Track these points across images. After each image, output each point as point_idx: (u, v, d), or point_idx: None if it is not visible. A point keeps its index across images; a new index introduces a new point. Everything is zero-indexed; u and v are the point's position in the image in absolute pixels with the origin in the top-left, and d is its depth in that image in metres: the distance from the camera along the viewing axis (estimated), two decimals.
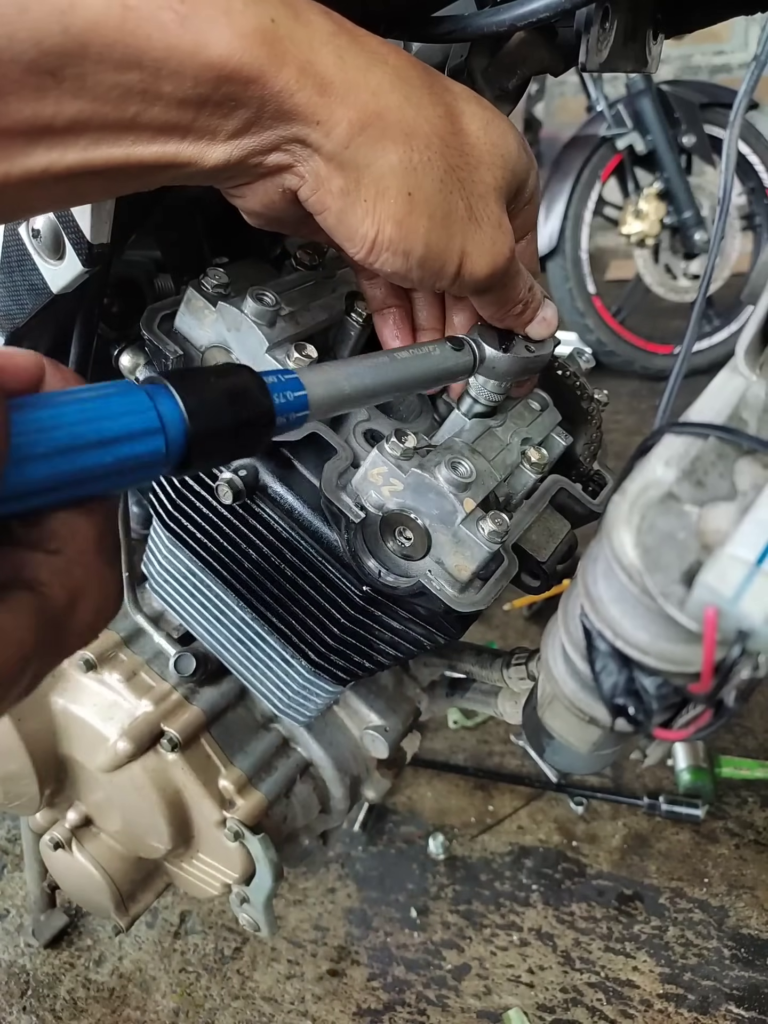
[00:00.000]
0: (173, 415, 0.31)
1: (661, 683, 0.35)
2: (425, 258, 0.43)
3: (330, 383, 0.40)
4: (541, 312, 0.54)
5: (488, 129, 0.44)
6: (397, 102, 0.40)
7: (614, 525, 0.32)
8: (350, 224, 0.42)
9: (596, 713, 0.41)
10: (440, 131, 0.42)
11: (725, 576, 0.29)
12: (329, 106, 0.38)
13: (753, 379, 0.37)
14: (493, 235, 0.45)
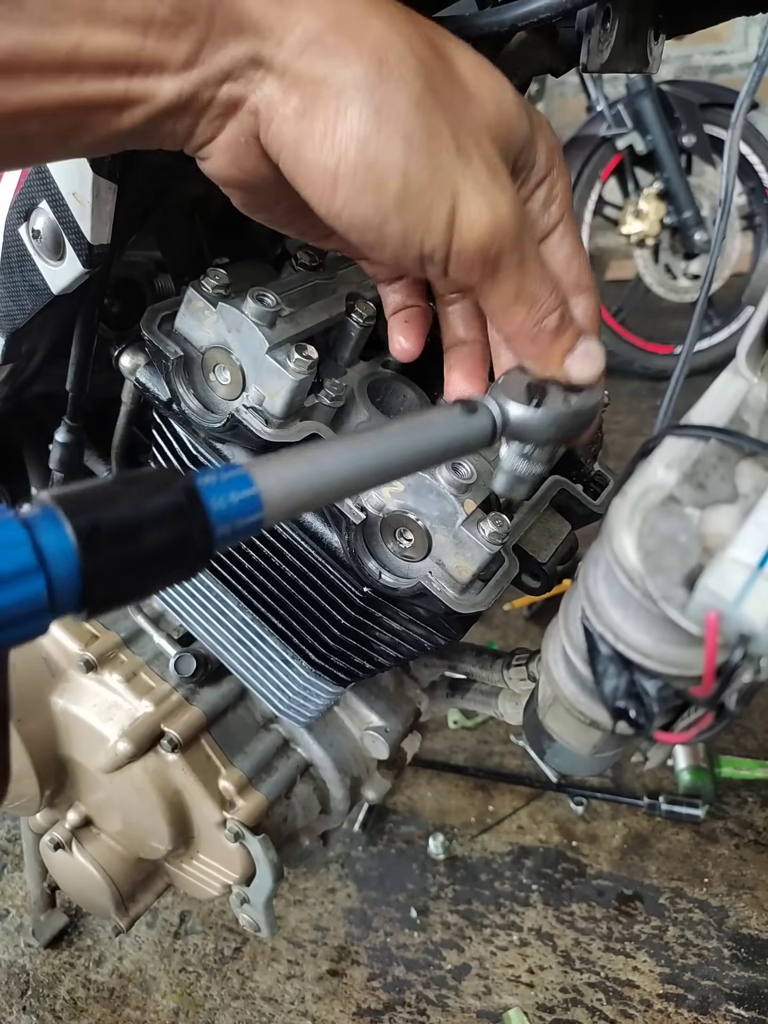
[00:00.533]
0: (58, 546, 0.24)
1: (662, 686, 0.35)
2: (404, 192, 0.35)
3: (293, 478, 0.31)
4: (583, 344, 0.41)
5: (480, 72, 0.38)
6: (364, 12, 0.35)
7: (615, 528, 0.32)
8: (308, 157, 0.35)
9: (597, 716, 0.41)
10: (418, 51, 0.36)
11: (727, 580, 0.29)
12: (282, 11, 0.34)
13: (754, 381, 0.37)
14: (491, 175, 0.36)
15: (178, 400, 0.60)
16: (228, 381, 0.58)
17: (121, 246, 0.61)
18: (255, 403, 0.57)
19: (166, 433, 0.66)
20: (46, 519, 0.25)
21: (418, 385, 0.67)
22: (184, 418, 0.61)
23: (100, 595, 0.26)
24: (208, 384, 0.60)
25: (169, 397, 0.61)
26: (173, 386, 0.59)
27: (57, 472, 0.74)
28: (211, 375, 0.59)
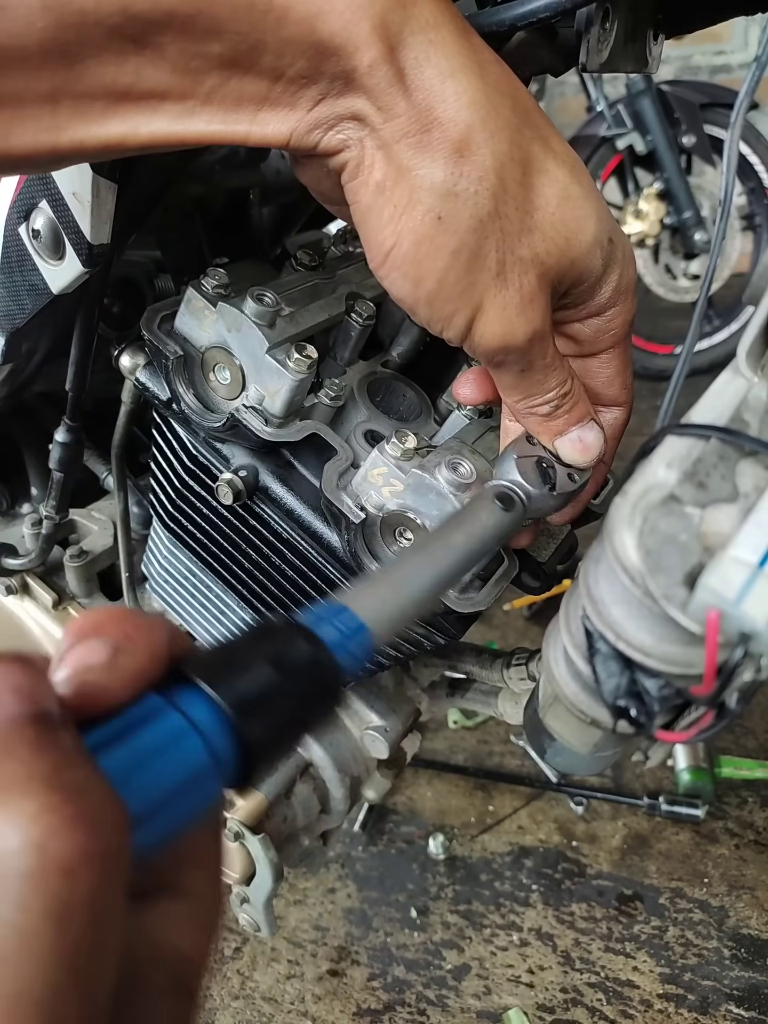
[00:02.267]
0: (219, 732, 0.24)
1: (663, 685, 0.35)
2: (434, 296, 0.39)
3: (392, 609, 0.33)
4: (578, 430, 0.46)
5: (566, 203, 0.40)
6: (467, 120, 0.36)
7: (616, 527, 0.32)
8: (372, 226, 0.39)
9: (598, 715, 0.41)
10: (503, 172, 0.38)
11: (727, 578, 0.29)
12: (396, 95, 0.36)
13: (755, 380, 0.36)
14: (519, 305, 0.39)
15: (178, 400, 0.60)
16: (228, 381, 0.58)
17: (121, 246, 0.61)
18: (255, 403, 0.57)
19: (166, 433, 0.66)
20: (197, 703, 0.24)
21: (418, 384, 0.67)
22: (184, 418, 0.61)
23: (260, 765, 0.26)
24: (208, 384, 0.60)
25: (169, 397, 0.61)
26: (173, 386, 0.59)
27: (57, 472, 0.75)
28: (211, 375, 0.59)
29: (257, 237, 0.77)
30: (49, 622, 0.82)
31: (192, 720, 0.24)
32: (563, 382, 0.44)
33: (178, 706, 0.24)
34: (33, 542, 0.83)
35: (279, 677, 0.26)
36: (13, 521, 0.94)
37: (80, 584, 0.84)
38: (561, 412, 0.45)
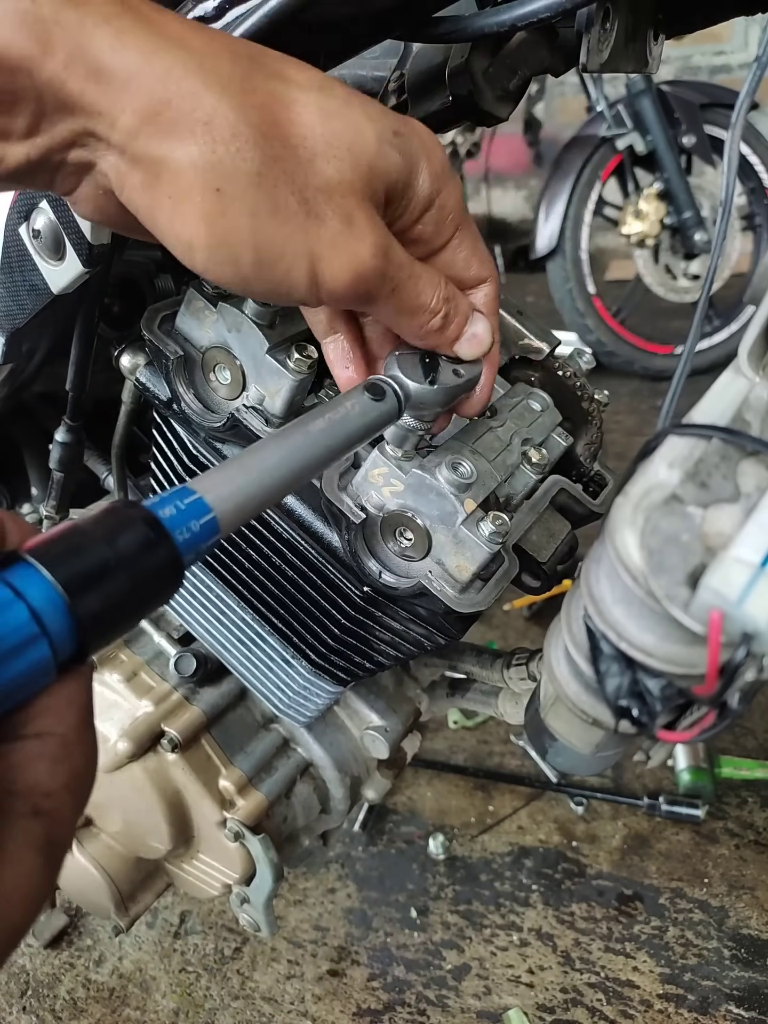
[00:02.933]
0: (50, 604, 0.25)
1: (665, 685, 0.35)
2: (259, 265, 0.37)
3: (241, 492, 0.33)
4: (470, 327, 0.47)
5: (330, 119, 0.38)
6: (192, 88, 0.35)
7: (618, 527, 0.32)
8: (163, 226, 0.37)
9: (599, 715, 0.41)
10: (253, 120, 0.36)
11: (729, 579, 0.29)
12: (107, 93, 0.34)
13: (756, 380, 0.37)
14: (346, 231, 0.38)
15: (178, 400, 0.60)
16: (228, 381, 0.58)
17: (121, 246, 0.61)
18: (255, 403, 0.57)
19: (166, 433, 0.66)
20: (30, 578, 0.25)
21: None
22: (184, 418, 0.61)
23: (94, 640, 0.27)
24: (208, 384, 0.60)
25: (169, 397, 0.61)
26: (173, 386, 0.59)
27: (57, 472, 0.75)
28: (211, 375, 0.59)
29: None
30: None
31: (16, 589, 0.25)
32: (437, 285, 0.44)
33: (5, 580, 0.25)
34: None
35: (112, 554, 0.27)
36: None
37: None
38: (451, 318, 0.45)
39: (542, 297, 3.11)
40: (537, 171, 4.00)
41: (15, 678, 0.25)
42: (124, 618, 0.29)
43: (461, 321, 0.46)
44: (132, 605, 0.28)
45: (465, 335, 0.47)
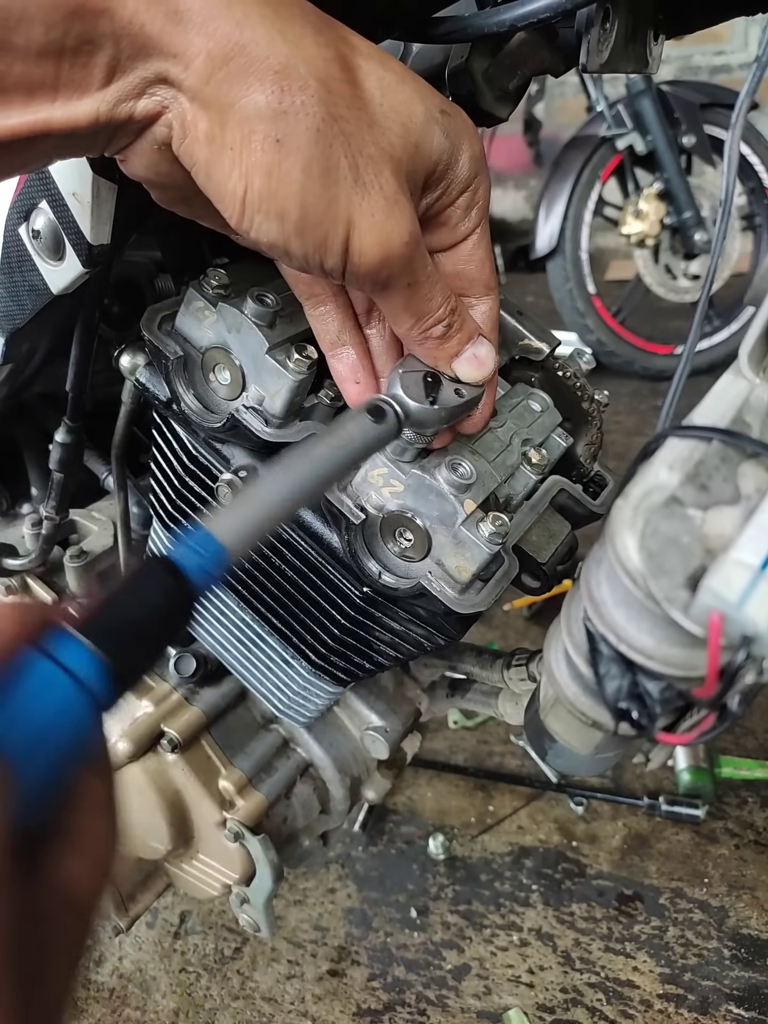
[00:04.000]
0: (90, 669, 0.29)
1: (665, 687, 0.35)
2: (303, 222, 0.37)
3: (245, 523, 0.36)
4: (472, 348, 0.46)
5: (388, 91, 0.39)
6: (267, 36, 0.35)
7: (618, 529, 0.32)
8: (218, 179, 0.37)
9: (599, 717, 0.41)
10: (322, 74, 0.36)
11: (729, 581, 0.29)
12: (184, 35, 0.35)
13: (756, 382, 0.36)
14: (386, 208, 0.38)
15: (178, 400, 0.59)
16: (228, 381, 0.58)
17: (121, 246, 0.61)
18: (255, 403, 0.57)
19: (166, 433, 0.66)
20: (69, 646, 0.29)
21: None
22: (184, 418, 0.61)
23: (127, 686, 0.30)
24: (208, 384, 0.60)
25: (169, 397, 0.61)
26: (173, 386, 0.59)
27: (57, 472, 0.74)
28: (211, 375, 0.59)
29: None
30: None
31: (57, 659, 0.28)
32: (448, 297, 0.44)
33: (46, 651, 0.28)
34: (33, 542, 0.83)
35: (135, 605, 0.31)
36: (13, 521, 0.94)
37: (80, 584, 0.84)
38: (453, 331, 0.45)
39: (542, 297, 3.11)
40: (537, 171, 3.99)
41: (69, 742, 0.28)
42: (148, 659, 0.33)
43: (463, 338, 0.46)
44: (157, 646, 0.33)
45: (465, 354, 0.46)
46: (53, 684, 0.28)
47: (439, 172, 0.42)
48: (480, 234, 0.46)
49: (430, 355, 0.46)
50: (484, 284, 0.47)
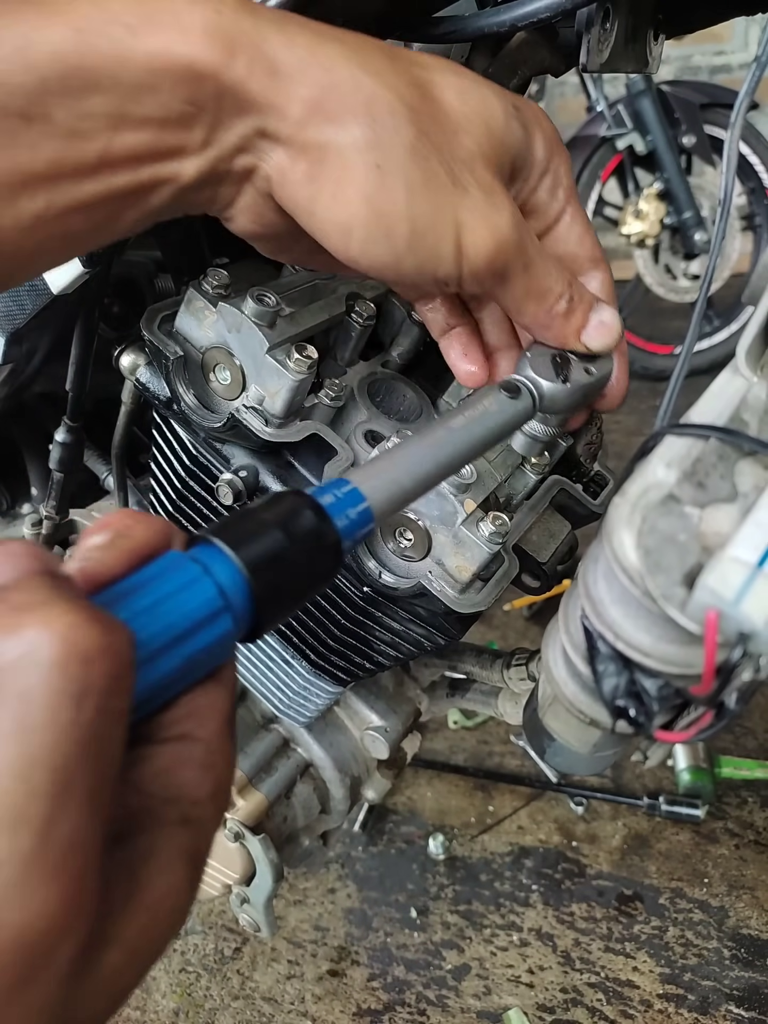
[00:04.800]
0: (234, 584, 0.27)
1: (662, 685, 0.35)
2: (412, 236, 0.39)
3: (392, 484, 0.35)
4: (596, 315, 0.46)
5: (465, 96, 0.41)
6: (352, 74, 0.38)
7: (615, 527, 0.32)
8: (322, 215, 0.39)
9: (597, 715, 0.41)
10: (406, 98, 0.39)
11: (726, 578, 0.29)
12: (281, 87, 0.37)
13: (754, 380, 0.36)
14: (487, 199, 0.40)
15: (178, 400, 0.60)
16: (228, 381, 0.58)
17: (121, 246, 0.61)
18: (255, 403, 0.57)
19: (166, 433, 0.66)
20: (216, 557, 0.27)
21: (418, 384, 0.67)
22: (184, 418, 0.61)
23: (267, 619, 0.29)
24: (208, 384, 0.60)
25: (169, 397, 0.61)
26: (173, 386, 0.59)
27: (57, 472, 0.75)
28: (211, 375, 0.59)
29: None
30: None
31: (207, 567, 0.27)
32: (561, 271, 0.45)
33: (195, 558, 0.27)
34: (33, 542, 0.83)
35: (287, 540, 0.29)
36: (13, 521, 0.94)
37: None
38: (576, 303, 0.45)
39: None
40: None
41: (203, 649, 0.26)
42: (293, 599, 0.30)
43: (586, 307, 0.46)
44: (300, 587, 0.30)
45: (592, 323, 0.46)
46: (198, 587, 0.26)
47: (519, 161, 0.44)
48: (572, 212, 0.47)
49: (559, 335, 0.46)
50: (589, 258, 0.48)
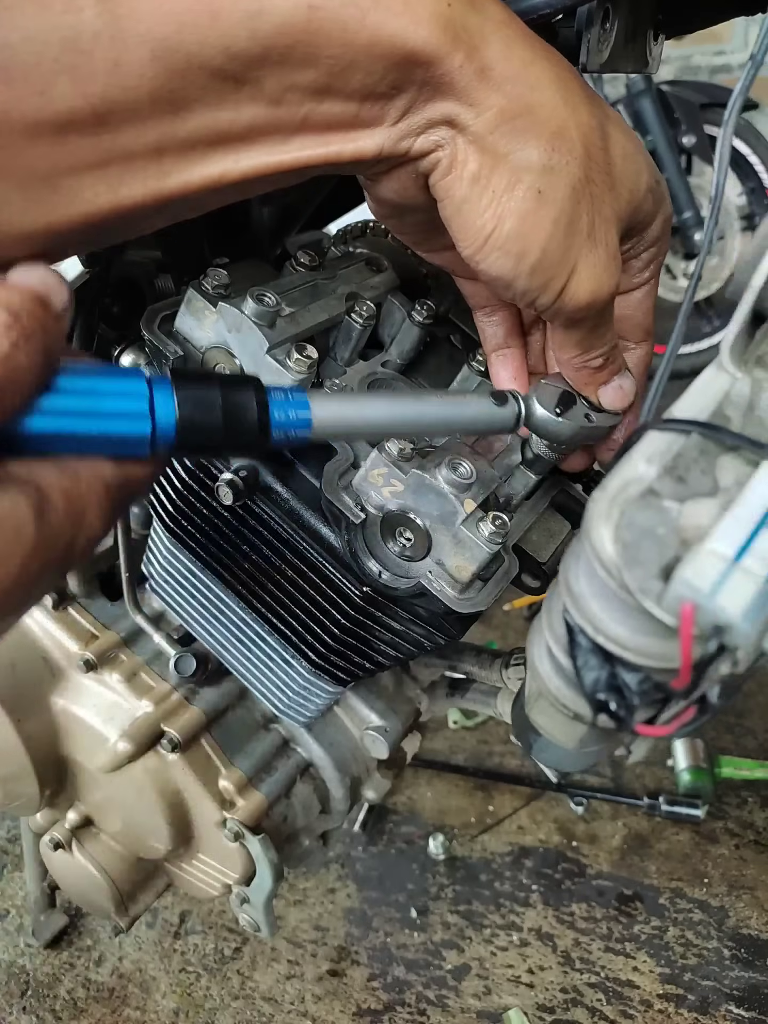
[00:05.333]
0: (166, 406, 0.34)
1: (642, 679, 0.35)
2: (538, 265, 0.42)
3: (339, 409, 0.40)
4: (618, 379, 0.51)
5: (626, 160, 0.44)
6: (552, 100, 0.40)
7: (593, 521, 0.32)
8: (469, 215, 0.41)
9: (580, 709, 0.41)
10: (587, 141, 0.41)
11: (703, 571, 0.29)
12: (485, 90, 0.38)
13: (738, 376, 0.36)
14: (606, 262, 0.43)
15: None
16: None
17: (121, 246, 0.61)
18: None
19: None
20: (165, 386, 0.34)
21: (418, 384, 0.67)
22: None
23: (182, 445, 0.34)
24: None
25: None
26: None
27: None
28: None
29: (257, 237, 0.77)
30: (49, 623, 0.82)
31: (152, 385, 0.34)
32: (614, 336, 0.49)
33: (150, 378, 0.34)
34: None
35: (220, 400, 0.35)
36: None
37: (80, 584, 0.84)
38: (608, 363, 0.50)
39: None
40: None
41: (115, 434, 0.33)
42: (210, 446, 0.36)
43: (614, 370, 0.51)
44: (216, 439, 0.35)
45: (612, 384, 0.51)
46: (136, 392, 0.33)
47: (638, 229, 0.48)
48: (652, 286, 0.51)
49: (581, 380, 0.50)
50: (645, 330, 0.53)
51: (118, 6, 0.32)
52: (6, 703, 0.79)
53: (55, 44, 0.32)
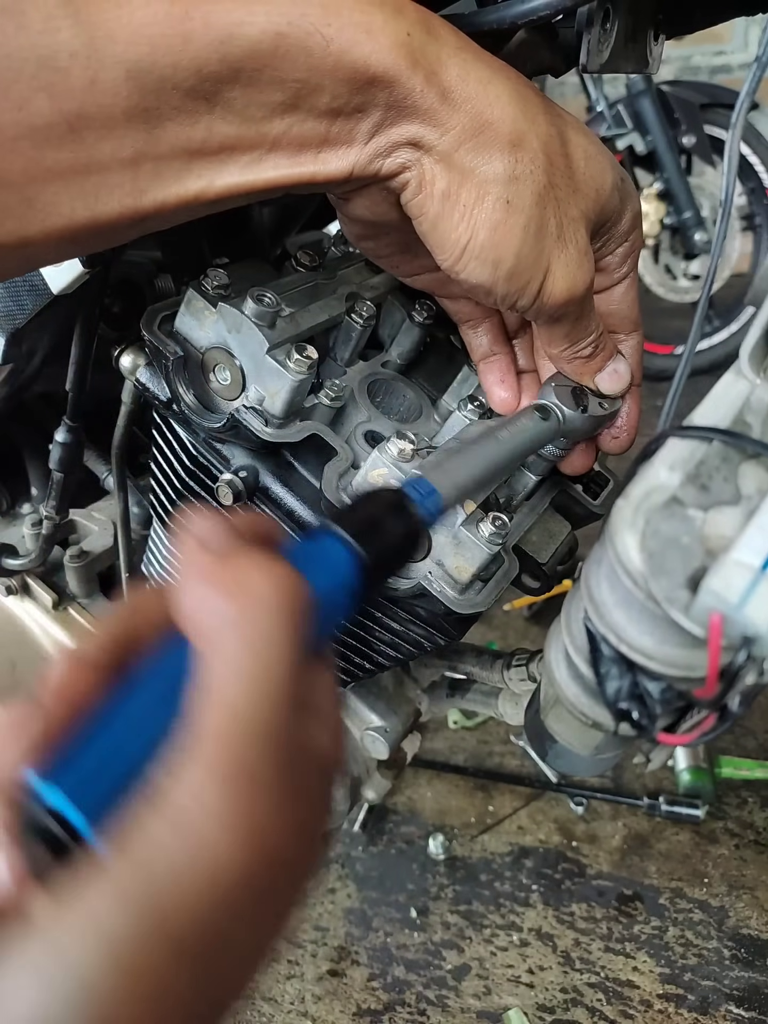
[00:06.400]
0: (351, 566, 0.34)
1: (665, 688, 0.35)
2: (514, 270, 0.44)
3: (457, 485, 0.42)
4: (612, 364, 0.54)
5: (589, 162, 0.46)
6: (512, 114, 0.42)
7: (618, 529, 0.32)
8: (444, 229, 0.43)
9: (599, 717, 0.41)
10: (548, 149, 0.44)
11: (730, 582, 0.29)
12: (447, 111, 0.41)
13: (757, 382, 0.36)
14: (578, 259, 0.46)
15: (178, 400, 0.59)
16: (228, 381, 0.58)
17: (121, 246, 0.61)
18: (255, 403, 0.57)
19: (166, 433, 0.66)
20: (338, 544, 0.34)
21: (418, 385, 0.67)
22: (184, 418, 0.60)
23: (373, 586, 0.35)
24: (208, 384, 0.59)
25: (169, 397, 0.61)
26: (173, 386, 0.59)
27: (57, 472, 0.74)
28: (211, 375, 0.59)
29: (257, 237, 0.76)
30: (49, 622, 0.82)
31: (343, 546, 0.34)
32: (598, 324, 0.51)
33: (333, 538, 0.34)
34: (33, 542, 0.83)
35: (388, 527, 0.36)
36: (13, 521, 0.94)
37: (80, 584, 0.84)
38: (599, 351, 0.52)
39: None
40: None
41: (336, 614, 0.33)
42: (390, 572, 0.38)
43: (606, 355, 0.53)
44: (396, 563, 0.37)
45: (607, 369, 0.54)
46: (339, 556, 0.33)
47: (608, 226, 0.50)
48: (631, 280, 0.53)
49: (576, 371, 0.53)
50: (632, 321, 0.55)
51: (95, 27, 0.34)
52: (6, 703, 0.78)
53: (33, 62, 0.33)
